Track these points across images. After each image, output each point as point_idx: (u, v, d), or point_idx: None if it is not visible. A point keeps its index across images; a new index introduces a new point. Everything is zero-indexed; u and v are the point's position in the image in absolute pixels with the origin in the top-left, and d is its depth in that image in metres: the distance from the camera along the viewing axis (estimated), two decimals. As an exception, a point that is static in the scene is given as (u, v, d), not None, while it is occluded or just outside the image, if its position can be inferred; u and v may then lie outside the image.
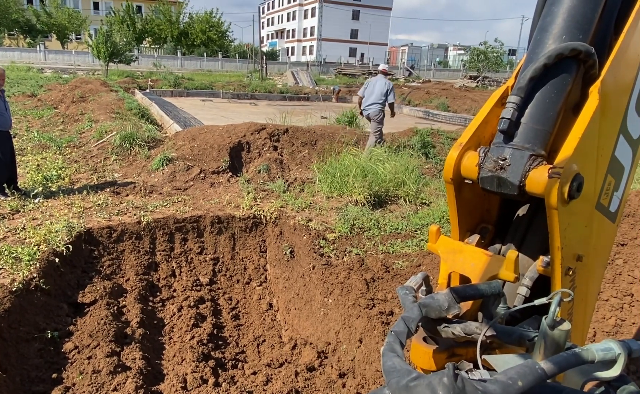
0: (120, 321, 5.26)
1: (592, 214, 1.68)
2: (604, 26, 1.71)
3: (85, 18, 64.14)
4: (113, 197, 8.08)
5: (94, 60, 34.85)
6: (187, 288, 6.37)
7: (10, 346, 4.29)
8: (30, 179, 8.56)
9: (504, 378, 1.04)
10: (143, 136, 11.23)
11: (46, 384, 4.22)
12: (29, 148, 10.88)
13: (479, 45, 59.57)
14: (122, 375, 4.31)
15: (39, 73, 32.23)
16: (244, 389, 4.53)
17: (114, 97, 17.91)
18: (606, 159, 1.69)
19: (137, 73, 34.95)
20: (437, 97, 26.58)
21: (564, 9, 1.64)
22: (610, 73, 1.59)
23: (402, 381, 1.06)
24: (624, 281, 5.42)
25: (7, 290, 4.82)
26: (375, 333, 5.05)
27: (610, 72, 1.59)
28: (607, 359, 1.15)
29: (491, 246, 1.83)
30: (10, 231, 6.39)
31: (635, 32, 1.69)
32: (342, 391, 4.54)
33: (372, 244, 7.02)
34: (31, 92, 20.23)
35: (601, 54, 1.63)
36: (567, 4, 1.64)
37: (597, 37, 1.69)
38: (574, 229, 1.56)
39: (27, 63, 40.95)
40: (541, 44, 1.65)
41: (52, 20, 60.14)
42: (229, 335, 5.81)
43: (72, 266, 5.92)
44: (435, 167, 10.92)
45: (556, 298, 1.25)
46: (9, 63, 39.63)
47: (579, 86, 1.63)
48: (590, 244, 1.70)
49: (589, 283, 1.80)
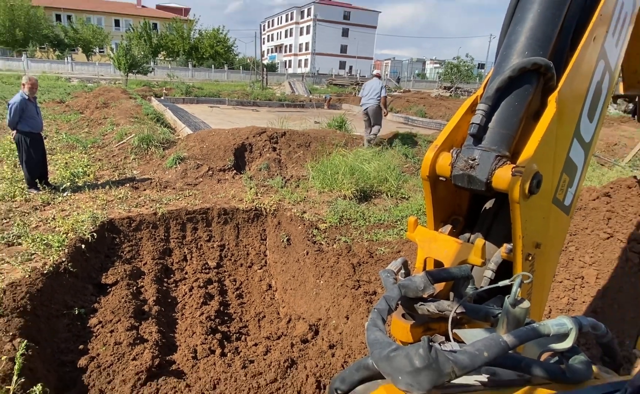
0: (139, 300, 5.25)
1: (549, 207, 1.69)
2: (561, 43, 1.72)
3: (107, 34, 63.64)
4: (132, 191, 8.05)
5: (115, 71, 34.58)
6: (197, 271, 6.36)
7: (42, 321, 4.27)
8: (59, 175, 8.51)
9: (472, 349, 1.05)
10: (158, 138, 11.19)
11: (74, 355, 4.20)
12: (58, 148, 10.81)
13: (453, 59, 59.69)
14: (140, 346, 4.30)
15: (67, 83, 31.96)
16: (246, 359, 4.53)
17: (132, 103, 17.79)
18: (562, 160, 1.70)
19: (153, 83, 34.70)
20: (416, 105, 26.57)
21: (526, 28, 1.66)
22: (566, 85, 1.60)
23: (383, 351, 1.07)
24: (575, 265, 5.45)
25: (40, 272, 4.81)
26: (361, 310, 5.07)
27: (566, 83, 1.61)
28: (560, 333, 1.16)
29: (461, 235, 1.84)
30: (42, 221, 6.36)
31: (588, 49, 1.71)
32: (331, 360, 4.55)
33: (358, 233, 7.03)
34: (60, 99, 20.09)
35: (559, 67, 1.64)
36: (529, 24, 1.66)
37: (555, 53, 1.70)
38: (534, 220, 1.58)
39: (56, 73, 40.59)
40: (506, 58, 1.66)
41: (79, 36, 59.66)
42: (234, 312, 5.81)
43: (96, 251, 5.90)
44: (413, 166, 10.93)
45: (517, 280, 1.26)
46: (41, 73, 39.26)
47: (539, 96, 1.64)
48: (547, 233, 1.71)
49: (546, 267, 1.81)
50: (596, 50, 1.77)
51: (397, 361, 1.02)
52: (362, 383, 1.30)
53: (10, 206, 6.85)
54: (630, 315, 4.61)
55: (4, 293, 4.26)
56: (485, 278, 1.64)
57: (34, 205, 6.99)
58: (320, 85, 48.51)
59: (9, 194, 7.30)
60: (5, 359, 3.36)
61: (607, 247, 5.48)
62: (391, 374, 1.04)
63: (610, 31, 1.85)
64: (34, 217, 6.49)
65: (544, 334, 1.15)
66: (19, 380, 3.20)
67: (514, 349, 1.11)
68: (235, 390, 3.91)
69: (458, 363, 1.00)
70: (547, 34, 1.64)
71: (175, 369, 4.24)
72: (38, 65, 45.70)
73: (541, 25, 1.64)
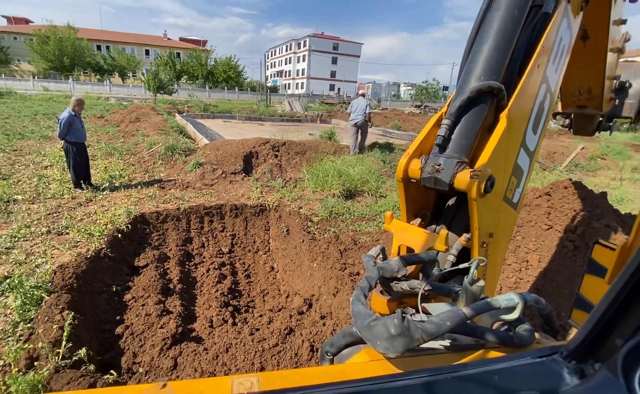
0: (165, 279, 5.22)
1: (500, 204, 1.70)
2: (511, 70, 1.73)
3: (139, 61, 63.12)
4: (159, 190, 8.00)
5: (146, 91, 34.28)
6: (212, 256, 6.33)
7: (86, 297, 4.24)
8: (99, 177, 8.45)
9: (437, 319, 1.07)
10: (181, 147, 11.13)
11: (112, 324, 4.18)
12: (99, 155, 10.71)
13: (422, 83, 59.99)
14: (166, 317, 4.28)
15: (106, 101, 31.68)
16: (253, 327, 4.52)
17: (160, 118, 17.66)
18: (511, 165, 1.71)
19: (177, 101, 34.47)
20: (392, 120, 26.58)
21: (483, 58, 1.67)
22: (515, 104, 1.62)
23: (365, 321, 1.10)
24: (522, 251, 5.49)
25: (84, 256, 4.77)
26: (346, 288, 5.07)
27: (515, 103, 1.62)
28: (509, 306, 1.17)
29: (429, 227, 1.85)
30: (85, 215, 6.31)
31: (533, 74, 1.72)
32: (322, 328, 4.55)
33: (344, 225, 7.03)
34: (100, 115, 19.90)
35: (509, 89, 1.66)
36: (485, 54, 1.67)
37: (506, 78, 1.71)
38: (488, 214, 1.58)
39: (97, 93, 40.21)
40: (466, 82, 1.67)
41: (115, 63, 59.16)
42: (243, 289, 5.79)
43: (130, 239, 5.86)
44: (390, 170, 10.95)
45: (474, 264, 1.27)
46: (84, 93, 38.94)
47: (493, 112, 1.65)
48: (499, 225, 1.72)
49: (497, 253, 1.82)
50: (539, 75, 1.79)
51: (376, 329, 1.05)
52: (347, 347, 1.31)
53: (60, 202, 6.79)
54: (566, 291, 4.65)
55: (55, 274, 4.23)
56: (448, 262, 1.65)
57: (79, 202, 6.93)
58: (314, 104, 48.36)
59: (58, 193, 7.24)
60: (56, 327, 3.34)
61: (548, 236, 5.52)
62: (371, 339, 1.07)
63: (551, 60, 1.86)
64: (79, 212, 6.43)
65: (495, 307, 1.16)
66: (67, 345, 3.18)
67: (471, 320, 1.12)
68: (244, 353, 3.90)
69: (426, 330, 1.02)
70: (500, 62, 1.65)
71: (195, 336, 4.23)
72: (82, 87, 45.23)
73: (495, 55, 1.65)
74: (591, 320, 0.81)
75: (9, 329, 3.43)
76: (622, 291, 0.76)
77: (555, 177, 10.89)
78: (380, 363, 1.10)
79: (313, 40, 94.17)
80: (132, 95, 41.98)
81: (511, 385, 0.87)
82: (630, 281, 0.74)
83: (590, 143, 16.60)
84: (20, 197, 6.78)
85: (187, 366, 3.65)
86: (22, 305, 3.67)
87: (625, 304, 0.76)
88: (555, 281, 4.86)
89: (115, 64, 59.31)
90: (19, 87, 40.45)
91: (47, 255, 4.82)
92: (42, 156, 9.80)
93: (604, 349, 0.81)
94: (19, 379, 2.74)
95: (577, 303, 2.50)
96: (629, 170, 13.06)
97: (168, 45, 74.91)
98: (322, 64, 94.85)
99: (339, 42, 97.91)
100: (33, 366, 3.02)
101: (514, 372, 0.91)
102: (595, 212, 5.67)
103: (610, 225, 5.35)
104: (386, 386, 0.85)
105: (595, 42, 3.32)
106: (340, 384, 0.85)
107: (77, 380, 2.94)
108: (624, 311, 0.77)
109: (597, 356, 0.83)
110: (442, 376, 0.88)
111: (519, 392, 0.85)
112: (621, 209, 6.34)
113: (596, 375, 0.80)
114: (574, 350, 0.87)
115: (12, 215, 5.92)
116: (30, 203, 6.62)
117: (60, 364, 3.05)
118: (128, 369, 3.60)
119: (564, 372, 0.87)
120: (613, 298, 0.77)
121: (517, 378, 0.89)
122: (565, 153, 14.37)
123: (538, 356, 0.94)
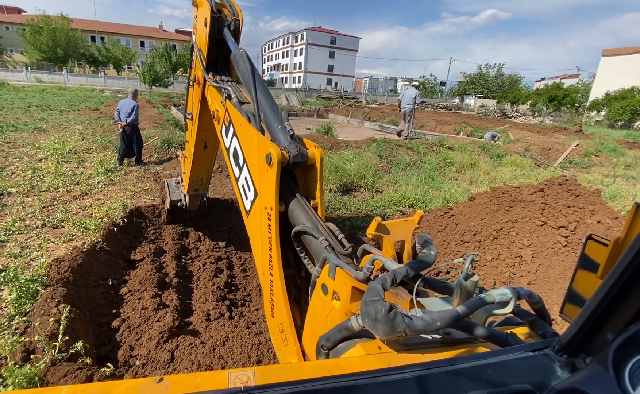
0: (161, 273, 5.22)
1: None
2: None
3: (134, 53, 62.52)
4: (155, 184, 7.97)
5: (141, 84, 34.01)
6: (209, 250, 6.33)
7: (82, 290, 4.24)
8: (95, 170, 8.40)
9: (428, 317, 1.13)
10: (177, 140, 11.11)
11: (108, 317, 4.18)
12: (94, 147, 10.64)
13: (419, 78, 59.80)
14: (163, 311, 4.29)
15: (100, 93, 31.47)
16: (249, 320, 4.54)
17: (155, 111, 17.57)
18: None
19: (173, 94, 34.28)
20: (389, 115, 26.55)
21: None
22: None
23: (369, 298, 1.23)
24: (515, 246, 5.53)
25: (80, 250, 4.77)
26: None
27: None
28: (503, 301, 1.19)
29: None
30: (81, 208, 6.29)
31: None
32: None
33: (341, 220, 7.05)
34: (95, 107, 19.75)
35: None
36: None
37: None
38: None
39: (91, 85, 39.88)
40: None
41: (110, 54, 58.47)
42: (239, 283, 5.80)
43: (126, 233, 5.85)
44: (386, 165, 10.97)
45: (469, 258, 1.29)
46: (78, 85, 38.65)
47: None
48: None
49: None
50: None
51: (369, 309, 1.18)
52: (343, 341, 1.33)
53: (55, 196, 6.75)
54: (558, 286, 4.70)
55: (50, 267, 4.22)
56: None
57: (74, 195, 6.89)
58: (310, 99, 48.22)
59: (53, 186, 7.19)
60: (52, 321, 3.34)
61: (541, 232, 5.56)
62: (362, 314, 1.21)
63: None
64: (74, 205, 6.40)
65: (489, 303, 1.18)
66: (63, 338, 3.18)
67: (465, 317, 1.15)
68: (241, 346, 3.92)
69: (411, 326, 1.11)
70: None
71: (192, 329, 4.24)
72: (76, 79, 44.78)
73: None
74: (583, 314, 0.83)
75: (5, 323, 3.43)
76: (613, 287, 0.77)
77: (550, 173, 10.95)
78: (375, 356, 1.13)
79: (310, 33, 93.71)
80: (127, 88, 41.66)
81: (504, 379, 0.89)
82: (621, 277, 0.76)
83: (585, 140, 16.69)
84: (15, 190, 6.74)
85: (184, 359, 3.67)
86: (18, 298, 3.67)
87: (617, 299, 0.78)
88: (548, 276, 4.90)
89: (109, 55, 58.65)
90: (11, 78, 39.99)
91: (42, 248, 4.81)
92: (36, 148, 9.70)
93: (595, 343, 0.83)
94: (16, 372, 2.75)
95: (569, 297, 2.54)
96: (622, 167, 13.15)
97: (164, 37, 74.26)
98: (320, 57, 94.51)
99: (336, 36, 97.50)
100: (29, 359, 3.03)
101: (507, 366, 0.93)
102: (588, 208, 5.72)
103: (603, 221, 5.40)
104: (381, 380, 0.87)
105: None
106: (335, 378, 0.87)
107: (74, 373, 2.95)
108: (615, 307, 0.79)
109: (588, 350, 0.84)
110: (436, 370, 0.90)
111: (511, 385, 0.87)
112: (614, 205, 6.39)
113: (587, 369, 0.82)
114: (565, 344, 0.89)
115: (7, 208, 5.89)
116: (25, 196, 6.57)
117: (56, 357, 3.05)
118: (125, 362, 3.61)
119: (556, 366, 0.88)
120: (605, 293, 0.79)
121: (510, 372, 0.91)
122: (559, 149, 14.44)
123: (530, 350, 0.96)
